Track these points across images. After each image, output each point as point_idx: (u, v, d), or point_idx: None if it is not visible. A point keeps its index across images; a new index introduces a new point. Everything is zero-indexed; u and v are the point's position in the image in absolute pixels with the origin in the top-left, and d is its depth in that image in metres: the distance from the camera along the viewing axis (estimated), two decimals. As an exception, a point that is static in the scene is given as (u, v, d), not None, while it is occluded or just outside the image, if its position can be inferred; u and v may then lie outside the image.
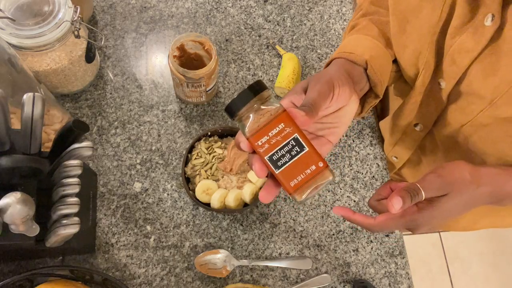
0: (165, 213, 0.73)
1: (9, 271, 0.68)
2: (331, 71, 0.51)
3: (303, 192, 0.41)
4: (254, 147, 0.41)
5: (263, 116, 0.41)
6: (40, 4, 0.66)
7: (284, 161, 0.40)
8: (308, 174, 0.40)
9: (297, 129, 0.40)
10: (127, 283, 0.69)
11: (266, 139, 0.40)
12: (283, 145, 0.40)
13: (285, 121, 0.40)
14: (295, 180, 0.40)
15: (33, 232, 0.50)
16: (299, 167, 0.40)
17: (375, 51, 0.58)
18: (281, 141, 0.40)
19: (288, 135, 0.40)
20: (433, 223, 0.50)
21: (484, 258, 1.73)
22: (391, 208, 0.46)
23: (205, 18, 0.88)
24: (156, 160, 0.77)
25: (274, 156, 0.40)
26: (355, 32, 0.62)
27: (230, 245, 0.72)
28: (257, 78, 0.83)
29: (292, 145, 0.40)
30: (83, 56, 0.73)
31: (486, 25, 0.48)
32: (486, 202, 0.51)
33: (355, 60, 0.55)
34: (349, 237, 0.74)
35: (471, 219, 0.79)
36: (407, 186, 0.47)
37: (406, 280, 0.72)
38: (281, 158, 0.40)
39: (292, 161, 0.40)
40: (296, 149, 0.40)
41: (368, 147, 0.80)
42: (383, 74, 0.57)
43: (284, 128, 0.40)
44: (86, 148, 0.55)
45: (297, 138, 0.40)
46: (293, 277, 0.71)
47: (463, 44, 0.51)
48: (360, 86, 0.55)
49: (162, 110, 0.80)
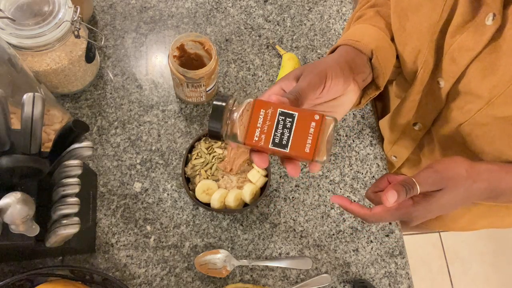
0: (165, 213, 0.73)
1: (9, 271, 0.68)
2: (329, 61, 0.51)
3: (321, 150, 0.41)
4: (255, 146, 0.41)
5: (243, 116, 0.41)
6: (40, 4, 0.65)
7: (286, 136, 0.41)
8: (313, 133, 0.41)
9: (277, 105, 0.41)
10: (127, 283, 0.69)
11: (259, 131, 0.41)
12: (276, 126, 0.41)
13: (263, 106, 0.41)
14: (306, 145, 0.41)
15: (33, 232, 0.50)
16: (301, 132, 0.41)
17: (381, 42, 0.58)
18: (272, 124, 0.41)
19: (274, 114, 0.41)
20: (428, 217, 0.51)
21: (484, 258, 1.73)
22: (385, 201, 0.47)
23: (205, 18, 0.88)
24: (156, 160, 0.77)
25: (275, 140, 0.41)
26: (362, 22, 0.62)
27: (230, 245, 0.72)
28: (257, 78, 0.83)
29: (283, 120, 0.41)
30: (83, 56, 0.73)
31: (487, 24, 0.48)
32: (481, 198, 0.52)
33: (361, 48, 0.55)
34: (349, 237, 0.74)
35: (470, 219, 0.79)
36: (403, 180, 0.48)
37: (406, 280, 0.72)
38: (282, 136, 0.41)
39: (293, 131, 0.41)
40: (288, 120, 0.41)
41: (368, 147, 0.80)
42: (387, 66, 0.57)
43: (267, 112, 0.41)
44: (86, 148, 0.55)
45: (283, 111, 0.41)
46: (293, 277, 0.71)
47: (463, 43, 0.51)
48: (363, 76, 0.55)
49: (162, 110, 0.80)
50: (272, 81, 0.84)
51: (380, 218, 0.51)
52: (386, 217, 0.50)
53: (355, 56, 0.55)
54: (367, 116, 0.82)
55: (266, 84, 0.83)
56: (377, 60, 0.55)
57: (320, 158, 0.41)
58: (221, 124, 0.41)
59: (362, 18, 0.63)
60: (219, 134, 0.42)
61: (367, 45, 0.55)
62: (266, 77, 0.84)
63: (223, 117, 0.41)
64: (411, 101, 0.64)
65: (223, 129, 0.41)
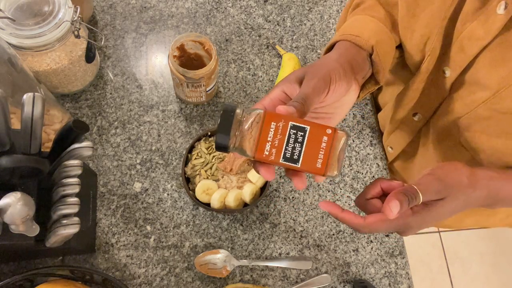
0: (165, 213, 0.73)
1: (9, 271, 0.68)
2: (331, 63, 0.49)
3: (332, 165, 0.40)
4: (265, 160, 0.40)
5: (252, 129, 0.39)
6: (40, 4, 0.65)
7: (298, 151, 0.39)
8: (325, 148, 0.39)
9: (288, 118, 0.39)
10: (127, 283, 0.69)
11: (269, 146, 0.39)
12: (287, 140, 0.39)
13: (273, 119, 0.39)
14: (318, 160, 0.39)
15: (33, 232, 0.50)
16: (313, 147, 0.39)
17: (381, 36, 0.56)
18: (283, 138, 0.39)
19: (285, 128, 0.39)
20: (423, 227, 0.48)
21: (484, 258, 1.73)
22: (389, 212, 0.43)
23: (205, 18, 0.88)
24: (156, 160, 0.77)
25: (287, 154, 0.39)
26: (360, 12, 0.60)
27: (230, 245, 0.72)
28: (257, 78, 0.83)
29: (294, 133, 0.39)
30: (83, 56, 0.73)
31: (499, 13, 0.46)
32: (478, 205, 0.50)
33: (361, 45, 0.53)
34: (349, 237, 0.74)
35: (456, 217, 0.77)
36: (405, 189, 0.45)
37: (406, 280, 0.72)
38: (294, 151, 0.39)
39: (304, 146, 0.39)
40: (299, 134, 0.39)
41: (368, 147, 0.80)
42: (386, 60, 0.56)
43: (277, 125, 0.39)
44: (86, 148, 0.55)
45: (294, 125, 0.39)
46: (293, 277, 0.71)
47: (473, 31, 0.50)
48: (363, 73, 0.54)
49: (162, 110, 0.80)
50: (272, 81, 0.84)
51: (375, 228, 0.47)
52: (381, 227, 0.47)
53: (356, 53, 0.53)
54: (367, 116, 0.82)
55: (266, 84, 0.83)
56: (377, 56, 0.53)
57: (332, 173, 0.40)
58: (229, 137, 0.39)
59: (360, 7, 0.61)
60: (227, 146, 0.40)
61: (368, 41, 0.53)
62: (266, 77, 0.84)
63: (231, 129, 0.39)
64: (414, 90, 0.62)
65: (231, 141, 0.39)
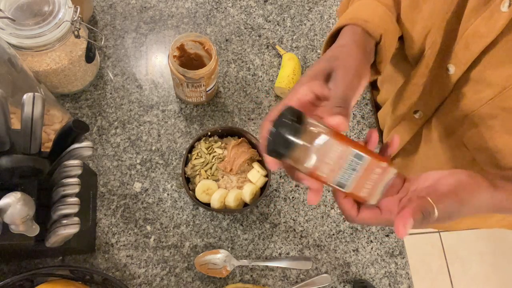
0: (165, 213, 0.73)
1: (9, 271, 0.68)
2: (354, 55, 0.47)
3: (375, 196, 0.40)
4: (315, 177, 0.39)
5: None
6: (40, 4, 0.65)
7: (351, 178, 0.38)
8: (375, 180, 0.39)
9: (351, 143, 0.38)
10: (127, 283, 0.69)
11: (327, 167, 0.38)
12: (345, 166, 0.38)
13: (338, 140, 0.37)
14: (364, 189, 0.39)
15: (33, 232, 0.50)
16: (365, 177, 0.39)
17: (388, 25, 0.54)
18: (342, 163, 0.38)
19: (347, 153, 0.38)
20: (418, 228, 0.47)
21: (484, 258, 1.73)
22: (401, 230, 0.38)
23: (205, 18, 0.88)
24: (156, 160, 0.77)
25: (339, 179, 0.38)
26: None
27: (230, 245, 0.72)
28: (257, 78, 0.83)
29: (352, 161, 0.38)
30: (83, 56, 0.73)
31: (503, 11, 0.46)
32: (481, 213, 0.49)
33: (371, 31, 0.51)
34: (349, 237, 0.74)
35: None
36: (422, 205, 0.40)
37: (406, 280, 0.72)
38: (347, 177, 0.38)
39: (357, 175, 0.38)
40: (357, 161, 0.38)
41: (368, 147, 0.80)
42: (390, 50, 0.55)
43: None
44: (86, 148, 0.55)
45: (357, 153, 0.38)
46: (293, 277, 0.71)
47: (477, 28, 0.49)
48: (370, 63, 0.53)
49: (162, 110, 0.80)
50: (272, 81, 0.84)
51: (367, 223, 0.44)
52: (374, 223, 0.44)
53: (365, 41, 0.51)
54: (367, 116, 0.82)
55: (266, 84, 0.83)
56: (384, 45, 0.52)
57: (371, 201, 0.40)
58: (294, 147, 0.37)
59: None
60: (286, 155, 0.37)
61: (377, 29, 0.52)
62: (266, 77, 0.84)
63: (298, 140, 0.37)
64: (414, 84, 0.62)
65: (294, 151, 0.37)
